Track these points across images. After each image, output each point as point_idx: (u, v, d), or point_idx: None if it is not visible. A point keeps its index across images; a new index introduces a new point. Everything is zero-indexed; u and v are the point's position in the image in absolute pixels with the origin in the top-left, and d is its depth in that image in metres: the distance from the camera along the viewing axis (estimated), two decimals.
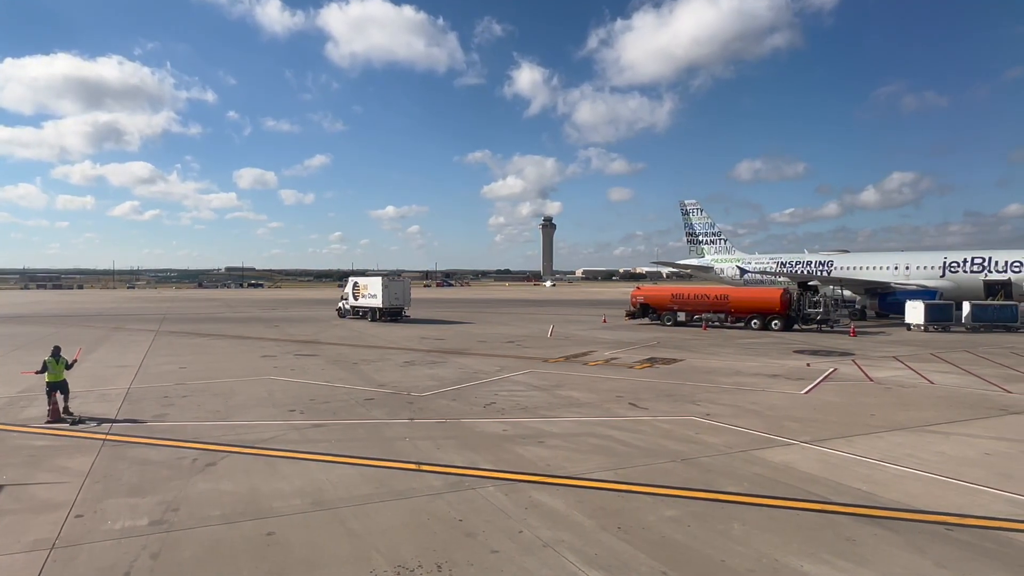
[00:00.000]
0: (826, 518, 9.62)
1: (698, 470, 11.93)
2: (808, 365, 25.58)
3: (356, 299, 50.83)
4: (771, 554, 8.31)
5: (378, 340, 35.81)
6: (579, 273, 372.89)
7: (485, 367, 25.11)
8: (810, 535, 8.94)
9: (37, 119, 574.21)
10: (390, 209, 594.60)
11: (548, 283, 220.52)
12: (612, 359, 27.44)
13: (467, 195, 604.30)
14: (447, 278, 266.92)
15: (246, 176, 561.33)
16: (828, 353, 29.51)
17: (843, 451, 13.13)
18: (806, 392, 19.74)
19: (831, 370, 24.32)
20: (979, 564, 8.06)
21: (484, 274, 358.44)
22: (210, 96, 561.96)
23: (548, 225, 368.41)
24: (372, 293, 48.81)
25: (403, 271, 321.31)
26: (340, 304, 53.20)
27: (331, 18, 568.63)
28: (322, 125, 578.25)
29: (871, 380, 22.00)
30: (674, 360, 27.01)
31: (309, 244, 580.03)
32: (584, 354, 29.12)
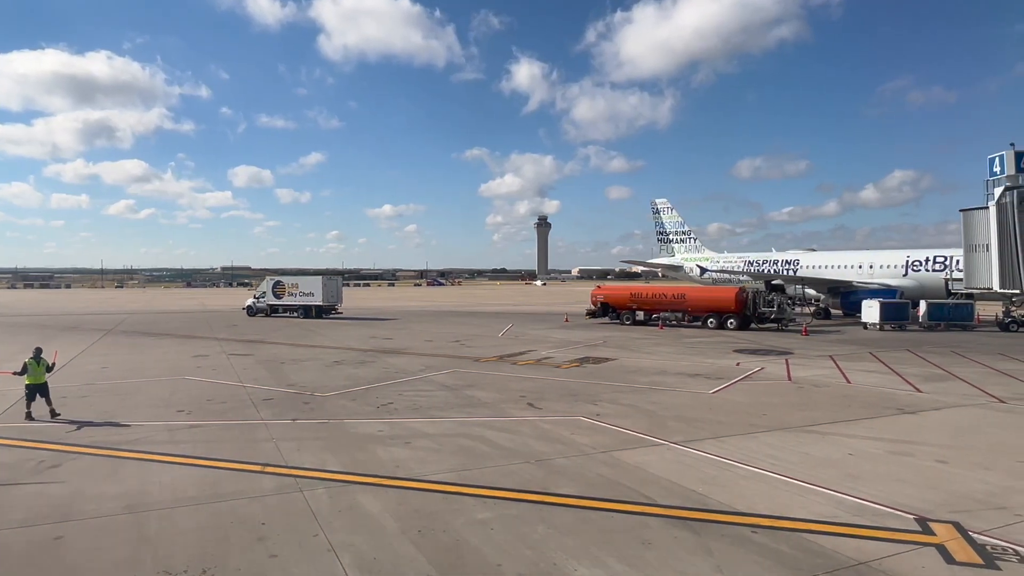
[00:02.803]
0: (639, 520, 9.47)
1: (545, 471, 11.78)
2: (738, 364, 25.43)
3: (279, 298, 52.60)
4: (553, 557, 8.16)
5: (324, 340, 35.65)
6: (575, 272, 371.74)
7: (411, 366, 24.96)
8: (610, 537, 8.79)
9: (27, 116, 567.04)
10: (387, 208, 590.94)
11: (539, 282, 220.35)
12: (545, 358, 27.28)
13: (465, 193, 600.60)
14: (440, 277, 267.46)
15: (241, 174, 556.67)
16: (767, 352, 29.36)
17: (706, 452, 12.98)
18: (714, 392, 19.58)
19: (757, 369, 24.18)
20: (759, 568, 7.91)
21: (480, 273, 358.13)
22: (202, 92, 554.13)
23: (543, 224, 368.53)
24: (308, 291, 51.83)
25: (399, 270, 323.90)
26: (251, 302, 54.32)
27: (323, 9, 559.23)
28: (317, 121, 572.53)
29: (789, 380, 21.86)
30: (606, 359, 26.86)
31: (306, 243, 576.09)
32: (521, 353, 28.97)
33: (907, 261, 48.12)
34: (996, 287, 20.04)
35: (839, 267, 51.92)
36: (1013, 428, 15.17)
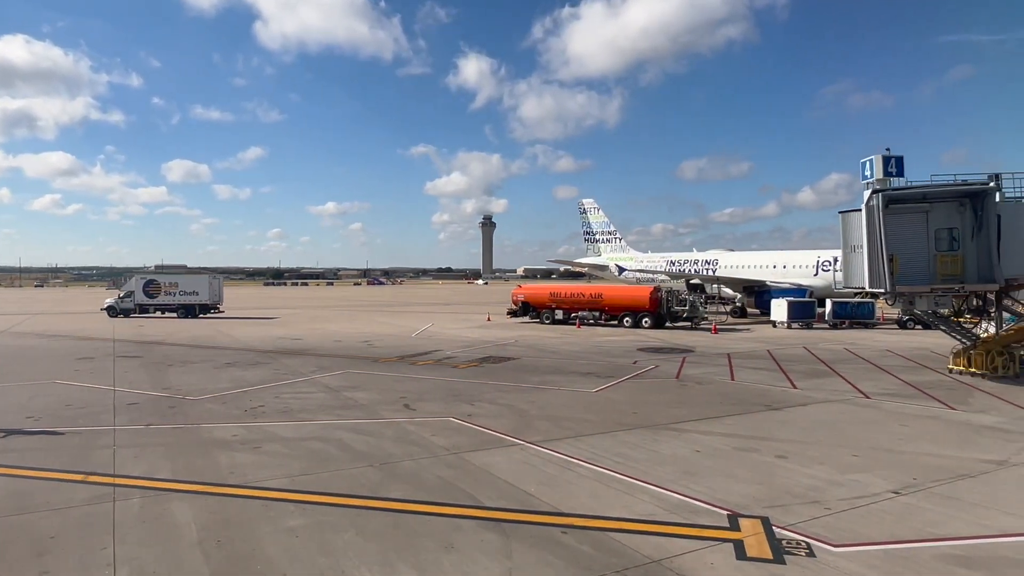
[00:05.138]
0: (453, 523, 9.32)
1: (384, 475, 11.54)
2: (635, 363, 25.73)
3: (153, 297, 52.12)
4: (346, 565, 7.93)
5: (230, 340, 34.61)
6: (520, 271, 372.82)
7: (305, 367, 24.37)
8: (416, 542, 8.61)
9: None
10: (331, 205, 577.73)
11: (481, 282, 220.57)
12: (447, 358, 27.06)
13: (410, 191, 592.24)
14: (383, 276, 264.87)
15: (176, 169, 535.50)
16: (669, 350, 29.83)
17: (558, 451, 12.95)
18: (597, 391, 19.71)
19: (651, 367, 24.51)
20: (551, 569, 7.85)
21: (425, 272, 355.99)
22: (132, 80, 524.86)
23: (488, 224, 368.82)
24: (192, 291, 52.36)
25: (342, 269, 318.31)
26: (111, 302, 52.90)
27: None
28: (256, 114, 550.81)
29: (677, 378, 22.19)
30: (507, 359, 26.82)
31: (247, 241, 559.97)
32: (425, 353, 28.67)
33: (818, 261, 49.76)
34: (867, 286, 20.77)
35: (755, 267, 53.36)
36: (864, 423, 15.70)
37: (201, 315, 51.99)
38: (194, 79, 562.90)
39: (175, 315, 51.60)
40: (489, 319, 48.78)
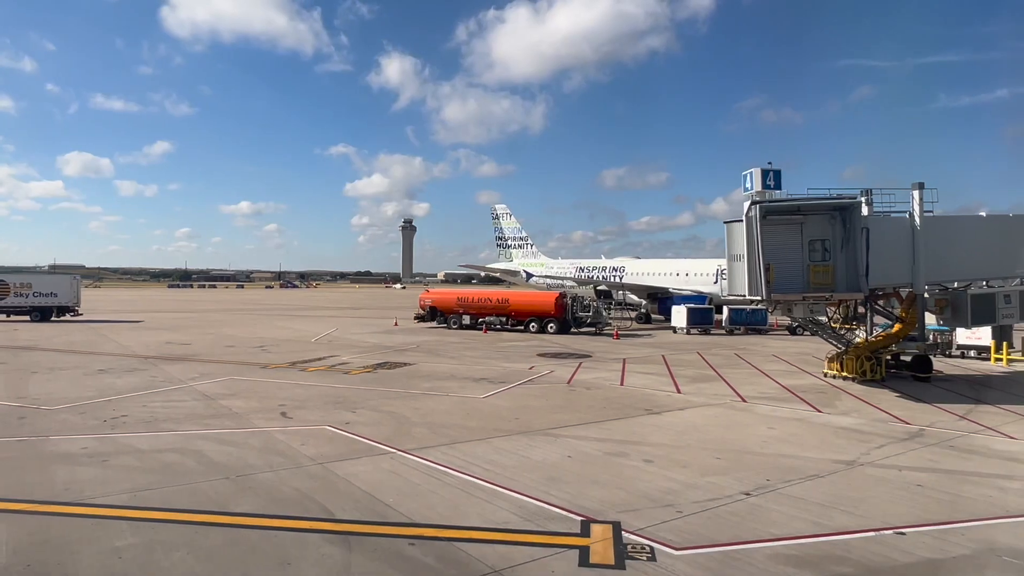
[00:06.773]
0: (298, 538, 8.92)
1: (237, 487, 10.97)
2: (531, 368, 25.83)
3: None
4: None
5: (111, 346, 32.54)
6: (441, 276, 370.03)
7: (186, 374, 23.13)
8: (249, 560, 8.16)
9: None
10: (244, 205, 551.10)
11: (399, 286, 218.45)
12: (340, 364, 26.37)
13: (329, 192, 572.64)
14: (298, 279, 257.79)
15: (74, 162, 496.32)
16: (568, 356, 30.16)
17: (429, 459, 12.71)
18: (485, 396, 19.61)
19: (547, 372, 24.67)
20: None
21: (343, 275, 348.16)
22: (23, 64, 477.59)
23: (408, 227, 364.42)
24: (49, 291, 49.22)
25: (255, 271, 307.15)
26: None
27: None
28: (164, 106, 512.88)
29: (568, 383, 22.39)
30: (403, 364, 26.39)
31: (153, 240, 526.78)
32: (319, 359, 27.84)
33: (717, 270, 51.52)
34: (746, 294, 21.64)
35: (659, 274, 54.91)
36: (735, 426, 16.25)
37: (56, 318, 48.60)
38: (94, 65, 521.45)
39: (27, 319, 47.76)
40: (396, 324, 48.09)
